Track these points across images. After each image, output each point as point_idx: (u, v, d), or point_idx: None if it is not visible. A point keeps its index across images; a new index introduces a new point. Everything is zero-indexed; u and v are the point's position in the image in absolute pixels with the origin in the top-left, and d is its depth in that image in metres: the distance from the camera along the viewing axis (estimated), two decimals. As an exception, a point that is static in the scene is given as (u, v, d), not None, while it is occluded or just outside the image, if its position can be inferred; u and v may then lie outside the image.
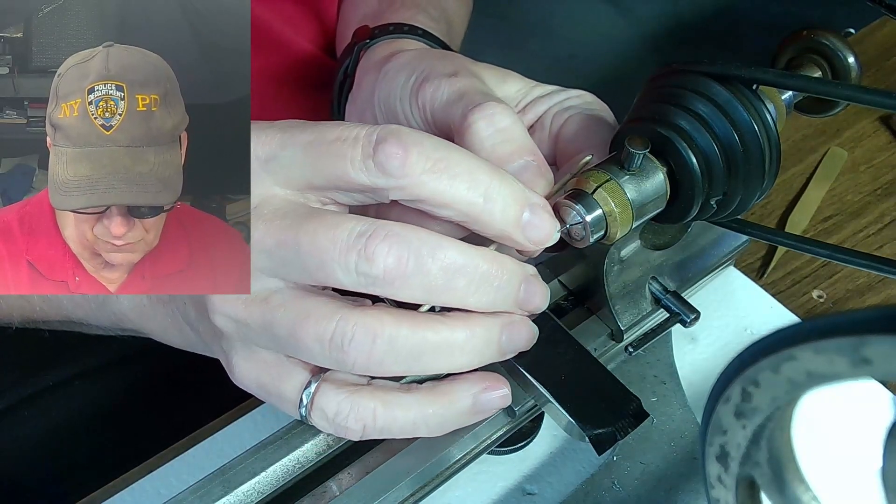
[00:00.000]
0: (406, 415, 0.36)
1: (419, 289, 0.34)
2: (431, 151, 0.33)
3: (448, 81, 0.42)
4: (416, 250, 0.33)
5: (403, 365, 0.35)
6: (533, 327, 0.38)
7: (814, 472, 0.29)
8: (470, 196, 0.34)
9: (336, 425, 0.36)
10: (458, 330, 0.35)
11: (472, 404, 0.37)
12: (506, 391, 0.38)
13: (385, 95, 0.46)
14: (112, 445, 0.61)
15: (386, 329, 0.34)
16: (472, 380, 0.38)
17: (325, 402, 0.36)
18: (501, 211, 0.34)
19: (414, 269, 0.33)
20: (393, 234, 0.33)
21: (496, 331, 0.36)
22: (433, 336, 0.35)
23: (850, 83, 0.45)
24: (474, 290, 0.34)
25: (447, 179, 0.33)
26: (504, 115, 0.39)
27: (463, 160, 0.34)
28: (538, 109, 0.44)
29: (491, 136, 0.38)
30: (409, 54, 0.47)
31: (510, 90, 0.45)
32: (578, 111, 0.43)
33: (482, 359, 0.37)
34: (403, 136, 0.33)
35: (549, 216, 0.36)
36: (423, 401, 0.37)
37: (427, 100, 0.42)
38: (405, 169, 0.33)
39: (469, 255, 0.34)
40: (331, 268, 0.33)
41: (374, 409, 0.36)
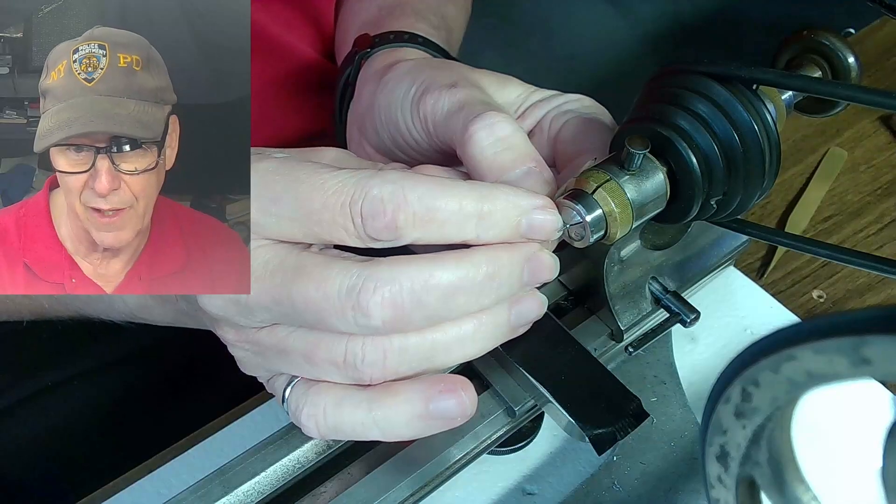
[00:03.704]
0: (354, 413, 0.35)
1: (423, 321, 0.34)
2: (417, 207, 0.33)
3: (448, 93, 0.42)
4: (409, 290, 0.33)
5: (419, 368, 0.35)
6: (541, 296, 0.37)
7: (814, 472, 0.29)
8: (462, 233, 0.34)
9: (296, 420, 0.37)
10: (466, 324, 0.35)
11: (423, 409, 0.35)
12: (462, 397, 0.35)
13: (385, 106, 0.46)
14: (112, 445, 0.61)
15: (395, 342, 0.34)
16: (425, 381, 0.36)
17: (293, 397, 0.37)
18: (499, 236, 0.35)
19: (412, 308, 0.33)
20: (382, 281, 0.32)
21: (503, 314, 0.36)
22: (442, 336, 0.35)
23: (850, 83, 0.45)
24: (476, 298, 0.34)
25: (436, 228, 0.34)
26: (504, 123, 0.39)
27: (448, 203, 0.34)
28: (537, 114, 0.45)
29: (492, 144, 0.38)
30: (408, 64, 0.47)
31: (510, 96, 0.45)
32: (576, 114, 0.43)
33: (495, 341, 0.37)
34: (386, 203, 0.33)
35: (549, 214, 0.36)
36: (371, 400, 0.35)
37: (428, 111, 0.42)
38: (396, 233, 0.33)
39: (463, 269, 0.34)
40: (330, 321, 0.33)
41: (324, 406, 0.36)
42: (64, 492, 0.51)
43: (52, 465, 0.63)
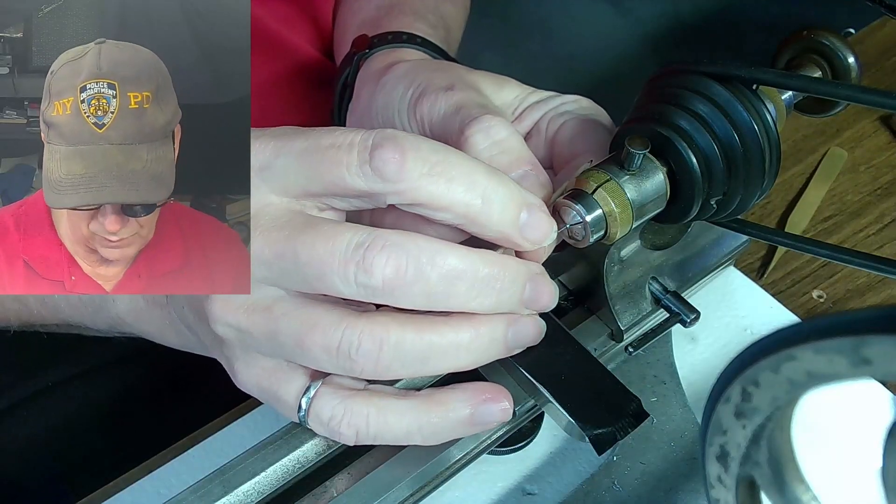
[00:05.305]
0: (400, 422, 0.36)
1: (420, 296, 0.34)
2: (429, 154, 0.33)
3: (445, 95, 0.42)
4: (415, 258, 0.33)
5: (411, 369, 0.35)
6: (540, 322, 0.38)
7: (814, 472, 0.29)
8: (468, 198, 0.34)
9: (331, 430, 0.36)
10: (463, 332, 0.35)
11: (469, 415, 0.37)
12: (506, 405, 0.37)
13: (383, 107, 0.46)
14: (112, 445, 0.61)
15: (392, 336, 0.34)
16: (471, 390, 0.37)
17: (321, 406, 0.36)
18: (499, 212, 0.34)
19: (413, 277, 0.33)
20: (391, 243, 0.33)
21: (501, 329, 0.36)
22: (438, 339, 0.35)
23: (850, 83, 0.45)
24: (476, 294, 0.34)
25: (445, 183, 0.33)
26: (500, 127, 0.39)
27: (460, 162, 0.34)
28: (534, 115, 0.45)
29: (488, 148, 0.38)
30: (405, 66, 0.47)
31: (507, 97, 0.45)
32: (574, 116, 0.43)
33: (488, 356, 0.37)
34: (400, 140, 0.33)
35: (547, 216, 0.36)
36: (418, 408, 0.36)
37: (425, 114, 0.42)
38: (402, 174, 0.33)
39: (469, 259, 0.34)
40: (330, 279, 0.33)
41: (367, 414, 0.36)
42: (64, 492, 0.52)
43: (52, 465, 0.63)
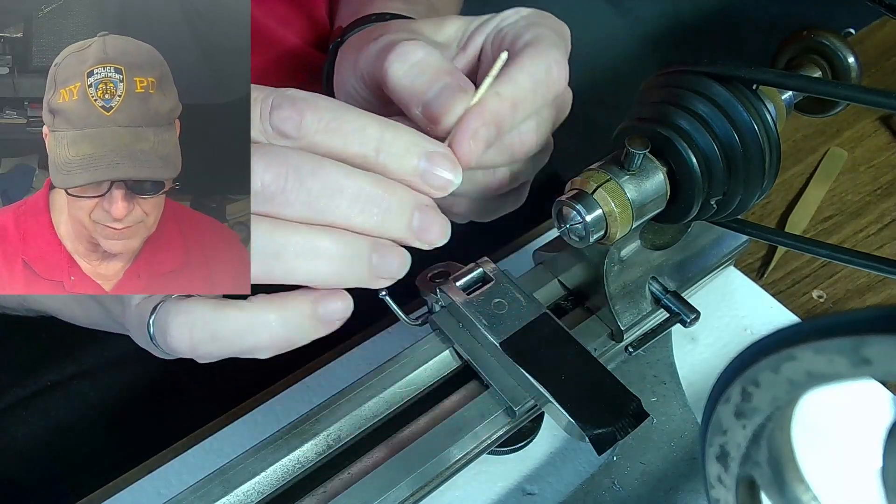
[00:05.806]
0: (240, 315, 0.35)
1: (300, 205, 0.34)
2: (324, 112, 0.35)
3: (374, 43, 0.42)
4: (296, 168, 0.34)
5: (262, 262, 0.34)
6: (405, 254, 0.37)
7: (814, 472, 0.29)
8: (363, 150, 0.35)
9: (163, 338, 0.35)
10: (324, 237, 0.35)
11: (311, 310, 0.35)
12: (347, 296, 0.36)
13: (341, 84, 0.47)
14: (111, 445, 0.61)
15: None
16: (308, 290, 0.36)
17: (161, 315, 0.35)
18: (396, 162, 0.35)
19: (294, 185, 0.34)
20: (272, 153, 0.34)
21: (365, 248, 0.35)
22: (295, 235, 0.34)
23: (850, 83, 0.45)
24: (359, 210, 0.34)
25: (339, 138, 0.35)
26: (415, 48, 0.39)
27: (353, 118, 0.35)
28: (478, 41, 0.45)
29: (407, 72, 0.39)
30: (356, 37, 0.47)
31: (449, 32, 0.45)
32: (514, 26, 0.43)
33: (350, 271, 0.36)
34: (298, 101, 0.35)
35: (449, 160, 0.36)
36: (259, 304, 0.35)
37: (361, 67, 0.43)
38: (300, 131, 0.35)
39: (353, 177, 0.34)
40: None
41: (202, 312, 0.35)
42: (64, 492, 0.51)
43: (52, 465, 0.62)
